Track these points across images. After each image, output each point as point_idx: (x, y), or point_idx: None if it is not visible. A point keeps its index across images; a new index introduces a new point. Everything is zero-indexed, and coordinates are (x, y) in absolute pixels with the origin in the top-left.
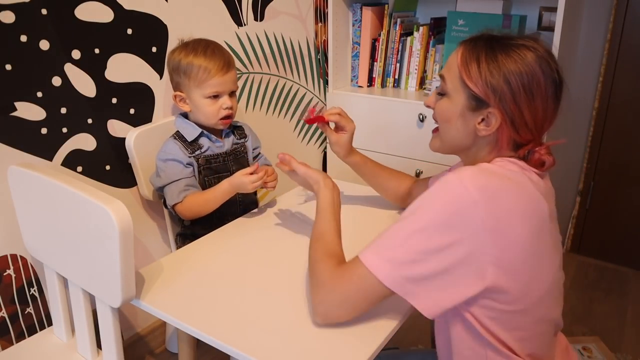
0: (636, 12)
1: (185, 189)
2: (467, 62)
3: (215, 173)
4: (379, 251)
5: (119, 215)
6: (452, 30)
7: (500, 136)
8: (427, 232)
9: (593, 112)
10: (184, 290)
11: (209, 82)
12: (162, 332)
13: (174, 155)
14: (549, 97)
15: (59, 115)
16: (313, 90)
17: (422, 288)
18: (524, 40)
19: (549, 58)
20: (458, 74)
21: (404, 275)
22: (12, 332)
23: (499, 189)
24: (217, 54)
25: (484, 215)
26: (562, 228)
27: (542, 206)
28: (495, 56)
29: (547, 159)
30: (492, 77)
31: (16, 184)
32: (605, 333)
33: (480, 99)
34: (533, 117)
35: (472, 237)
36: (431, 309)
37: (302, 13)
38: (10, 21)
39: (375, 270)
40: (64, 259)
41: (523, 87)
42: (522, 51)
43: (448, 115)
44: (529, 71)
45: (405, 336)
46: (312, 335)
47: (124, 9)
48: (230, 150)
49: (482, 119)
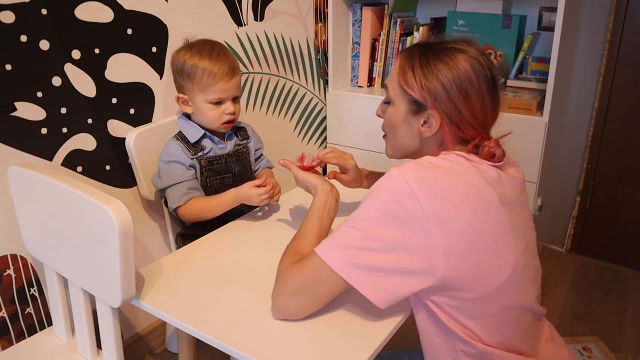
0: (636, 12)
1: (188, 192)
2: (404, 70)
3: (217, 174)
4: (330, 242)
5: (119, 215)
6: (452, 30)
7: (444, 135)
8: (373, 221)
9: (593, 112)
10: (184, 290)
11: (213, 87)
12: (162, 332)
13: (176, 157)
14: (484, 93)
15: (59, 115)
16: (313, 90)
17: (372, 276)
18: (456, 43)
19: (480, 57)
20: (397, 82)
21: (352, 261)
22: (12, 332)
23: (436, 179)
24: (223, 58)
25: (424, 204)
26: (562, 228)
27: (486, 194)
28: (428, 61)
29: (497, 151)
30: (426, 80)
31: (16, 184)
32: (605, 333)
33: (419, 103)
34: (472, 113)
35: (417, 226)
36: (381, 298)
37: (302, 13)
38: (10, 21)
39: (325, 257)
40: (64, 259)
41: (457, 87)
42: (453, 54)
43: (394, 121)
44: (461, 71)
45: (405, 336)
46: (312, 335)
47: (124, 9)
48: (232, 152)
49: (424, 121)
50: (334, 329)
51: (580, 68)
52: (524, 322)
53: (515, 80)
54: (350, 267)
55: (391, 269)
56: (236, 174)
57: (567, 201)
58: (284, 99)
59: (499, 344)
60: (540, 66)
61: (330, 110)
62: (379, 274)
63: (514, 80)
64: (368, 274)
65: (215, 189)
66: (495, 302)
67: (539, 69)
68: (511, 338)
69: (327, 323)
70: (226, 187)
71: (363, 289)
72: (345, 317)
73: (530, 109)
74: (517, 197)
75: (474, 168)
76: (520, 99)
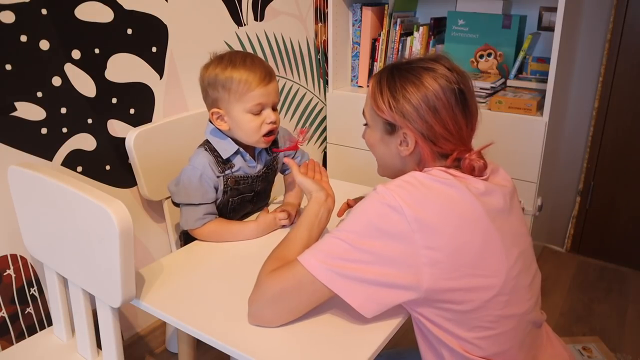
0: (636, 12)
1: (203, 218)
2: (375, 94)
3: (241, 194)
4: (314, 250)
5: (119, 215)
6: (452, 30)
7: (422, 152)
8: (358, 234)
9: (593, 112)
10: (184, 290)
11: (251, 93)
12: (162, 332)
13: (201, 172)
14: (453, 107)
15: (59, 115)
16: (313, 90)
17: (356, 286)
18: (422, 62)
19: (447, 72)
20: (371, 106)
21: (336, 271)
22: (12, 332)
23: (421, 194)
24: (257, 64)
25: (409, 219)
26: (562, 228)
27: (472, 207)
28: (395, 83)
29: (477, 163)
30: (395, 102)
31: (16, 184)
32: (605, 333)
33: (392, 124)
34: (444, 128)
35: (403, 240)
36: (366, 307)
37: (302, 13)
38: (10, 21)
39: (309, 265)
40: (64, 259)
41: (425, 104)
42: (419, 72)
43: (372, 142)
44: (427, 89)
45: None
46: (312, 335)
47: (124, 9)
48: (262, 171)
49: (401, 141)
50: (333, 329)
51: (580, 68)
52: (522, 331)
53: (515, 80)
54: (335, 275)
55: (376, 281)
56: (257, 192)
57: (567, 201)
58: (284, 99)
59: (497, 355)
60: (540, 66)
61: (330, 110)
62: (363, 285)
63: (514, 80)
64: (353, 283)
65: (234, 207)
66: (490, 313)
67: (539, 69)
68: (510, 347)
69: (327, 323)
70: (243, 205)
71: (348, 298)
72: (345, 318)
73: (530, 109)
74: (507, 205)
75: (459, 182)
76: (520, 99)
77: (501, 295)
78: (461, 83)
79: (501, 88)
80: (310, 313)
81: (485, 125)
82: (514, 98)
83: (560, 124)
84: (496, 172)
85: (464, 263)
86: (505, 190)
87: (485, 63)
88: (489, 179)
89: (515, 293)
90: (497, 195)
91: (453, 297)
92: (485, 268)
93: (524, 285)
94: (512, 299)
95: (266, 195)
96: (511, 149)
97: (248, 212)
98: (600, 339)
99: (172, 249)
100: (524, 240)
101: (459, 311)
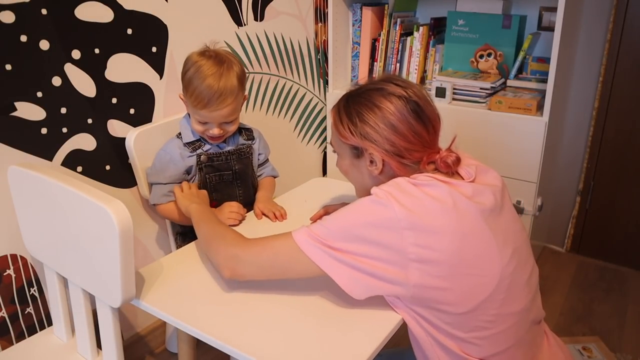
0: (636, 12)
1: (168, 195)
2: (336, 124)
3: (217, 171)
4: (308, 232)
5: (119, 215)
6: (452, 30)
7: (392, 167)
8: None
9: (593, 112)
10: (184, 290)
11: (199, 111)
12: (162, 332)
13: (170, 156)
14: (408, 119)
15: (59, 115)
16: (313, 90)
17: (345, 266)
18: (372, 84)
19: (397, 89)
20: (335, 135)
21: (329, 253)
22: (12, 332)
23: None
24: (219, 82)
25: (400, 215)
26: (562, 228)
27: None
28: (350, 110)
29: (450, 158)
30: (355, 127)
31: (16, 184)
32: (605, 333)
33: (357, 147)
34: (406, 140)
35: (393, 232)
36: (354, 289)
37: (302, 13)
38: (10, 21)
39: (302, 244)
40: (64, 259)
41: (382, 123)
42: (370, 95)
43: (345, 169)
44: (381, 108)
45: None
46: (312, 335)
47: (124, 9)
48: (234, 150)
49: (370, 161)
50: (333, 329)
51: (580, 68)
52: (521, 328)
53: (515, 80)
54: (328, 257)
55: (365, 269)
56: (237, 172)
57: (567, 201)
58: (284, 99)
59: (497, 355)
60: (540, 66)
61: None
62: (353, 270)
63: (514, 80)
64: (341, 263)
65: (214, 185)
66: (487, 312)
67: (539, 69)
68: (509, 346)
69: (327, 323)
70: (226, 184)
71: (337, 278)
72: (345, 318)
73: (530, 109)
74: (498, 203)
75: (446, 185)
76: (520, 99)
77: (497, 294)
78: (413, 95)
79: (501, 88)
80: (310, 313)
81: (485, 125)
82: (514, 98)
83: (560, 124)
84: (485, 172)
85: (456, 263)
86: (495, 189)
87: (485, 63)
88: (477, 180)
89: (511, 291)
90: (486, 195)
91: (445, 298)
92: (479, 267)
93: (520, 282)
94: (509, 297)
95: (248, 178)
96: (511, 149)
97: (236, 196)
98: (600, 339)
99: (172, 249)
100: (517, 237)
101: (456, 313)
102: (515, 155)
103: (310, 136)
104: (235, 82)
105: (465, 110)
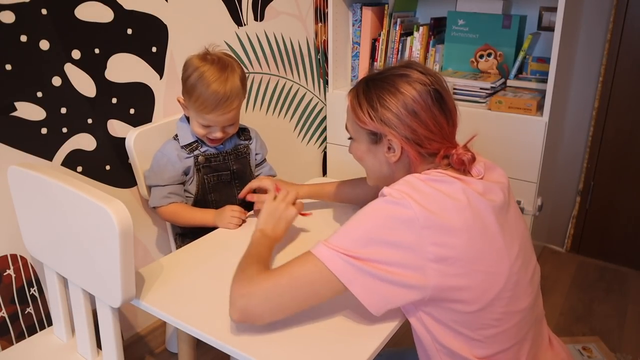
0: (636, 12)
1: (168, 196)
2: (354, 108)
3: (215, 172)
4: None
5: (119, 215)
6: (452, 30)
7: (410, 155)
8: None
9: (593, 112)
10: (184, 290)
11: (204, 115)
12: (162, 332)
13: (167, 158)
14: (431, 107)
15: (59, 115)
16: (313, 90)
17: (366, 279)
18: (395, 69)
19: (421, 76)
20: (352, 120)
21: (349, 261)
22: (12, 332)
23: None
24: (225, 87)
25: (418, 214)
26: (562, 228)
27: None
28: (371, 95)
29: (465, 156)
30: (375, 112)
31: (16, 184)
32: (605, 333)
33: (375, 133)
34: (426, 129)
35: (412, 231)
36: (375, 303)
37: (302, 13)
38: (10, 21)
39: (321, 255)
40: (64, 259)
41: (404, 109)
42: (393, 80)
43: (359, 154)
44: (404, 94)
45: (405, 336)
46: (312, 335)
47: (124, 9)
48: (231, 150)
49: (388, 148)
50: (333, 329)
51: (580, 68)
52: (525, 326)
53: (515, 80)
54: (350, 268)
55: (384, 277)
56: (235, 172)
57: (567, 201)
58: (284, 99)
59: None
60: (540, 66)
61: (330, 110)
62: (372, 278)
63: (514, 80)
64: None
65: (212, 186)
66: (495, 310)
67: (539, 69)
68: (513, 344)
69: (327, 323)
70: (224, 185)
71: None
72: (345, 318)
73: (530, 109)
74: (506, 200)
75: (459, 182)
76: (520, 99)
77: (505, 291)
78: (436, 84)
79: (501, 88)
80: (310, 313)
81: (485, 125)
82: (514, 98)
83: (560, 124)
84: (493, 169)
85: (472, 260)
86: (503, 186)
87: (485, 63)
88: (485, 177)
89: (517, 288)
90: (496, 192)
91: (460, 296)
92: (491, 264)
93: (525, 280)
94: (515, 295)
95: (246, 178)
96: (511, 149)
97: (234, 196)
98: (600, 339)
99: (172, 249)
100: (522, 235)
101: (468, 312)
102: (515, 155)
103: (310, 136)
104: (239, 85)
105: (465, 110)
